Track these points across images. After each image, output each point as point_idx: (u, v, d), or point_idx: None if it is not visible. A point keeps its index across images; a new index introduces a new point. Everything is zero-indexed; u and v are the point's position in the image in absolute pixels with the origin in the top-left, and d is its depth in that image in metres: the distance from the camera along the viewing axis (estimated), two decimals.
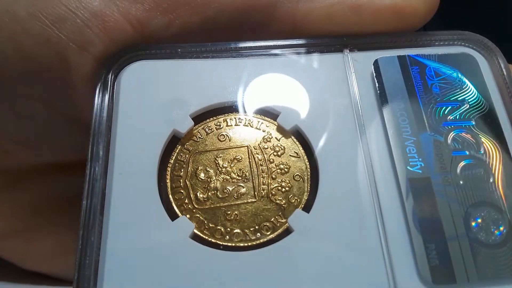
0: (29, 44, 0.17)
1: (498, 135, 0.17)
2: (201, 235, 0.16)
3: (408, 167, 0.16)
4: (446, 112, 0.17)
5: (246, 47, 0.19)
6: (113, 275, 0.15)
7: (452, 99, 0.18)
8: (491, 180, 0.16)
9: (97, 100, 0.18)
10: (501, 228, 0.16)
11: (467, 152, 0.17)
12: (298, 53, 0.19)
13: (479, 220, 0.16)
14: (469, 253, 0.15)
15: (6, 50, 0.17)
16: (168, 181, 0.17)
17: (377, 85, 0.18)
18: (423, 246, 0.15)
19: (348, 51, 0.19)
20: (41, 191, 0.19)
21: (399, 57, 0.19)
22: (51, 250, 0.18)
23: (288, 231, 0.16)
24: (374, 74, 0.18)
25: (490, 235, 0.15)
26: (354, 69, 0.19)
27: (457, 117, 0.17)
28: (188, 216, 0.16)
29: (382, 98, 0.18)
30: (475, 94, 0.18)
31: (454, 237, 0.15)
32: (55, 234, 0.18)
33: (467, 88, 0.18)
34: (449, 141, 0.17)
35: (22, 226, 0.19)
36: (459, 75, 0.18)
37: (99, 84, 0.18)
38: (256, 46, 0.19)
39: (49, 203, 0.19)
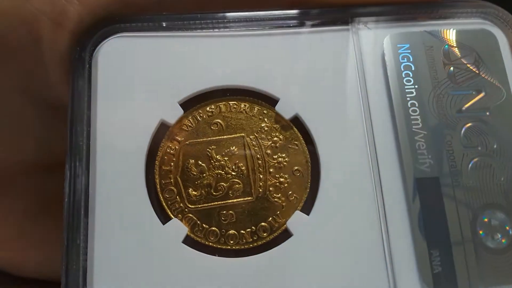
0: None
1: None
2: (195, 237, 0.15)
3: (417, 165, 0.15)
4: (460, 101, 0.16)
5: (241, 18, 0.17)
6: (102, 282, 0.14)
7: (467, 86, 0.16)
8: (502, 179, 0.15)
9: (72, 83, 0.16)
10: (509, 233, 0.15)
11: (480, 148, 0.16)
12: (300, 26, 0.17)
13: (486, 224, 0.15)
14: (473, 259, 0.15)
15: None
16: (157, 176, 0.16)
17: (388, 69, 0.16)
18: (427, 252, 0.15)
19: (356, 24, 0.17)
20: (30, 195, 0.18)
21: (414, 33, 0.17)
22: (49, 256, 0.17)
23: (286, 232, 0.15)
24: (385, 54, 0.16)
25: (496, 240, 0.15)
26: (363, 48, 0.17)
27: (472, 107, 0.16)
28: (180, 217, 0.15)
29: (393, 85, 0.16)
30: (492, 80, 0.16)
31: (459, 242, 0.15)
32: (51, 239, 0.17)
33: (484, 73, 0.16)
34: (461, 135, 0.16)
35: (15, 234, 0.17)
36: (476, 57, 0.16)
37: (73, 64, 0.16)
38: (252, 16, 0.17)
39: (41, 207, 0.18)
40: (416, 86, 0.16)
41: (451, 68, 0.16)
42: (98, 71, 0.16)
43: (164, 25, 0.16)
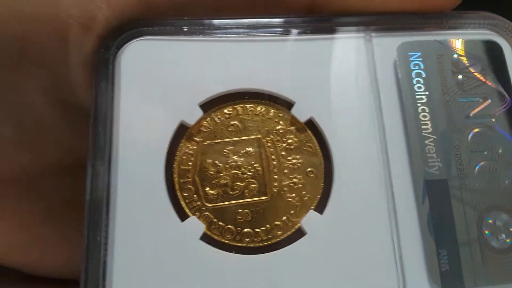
0: (23, 25, 0.15)
1: None
2: (211, 235, 0.16)
3: (426, 168, 0.16)
4: (467, 108, 0.17)
5: (259, 24, 0.17)
6: (122, 278, 0.15)
7: (474, 93, 0.17)
8: (506, 182, 0.16)
9: (95, 83, 0.16)
10: None
11: (486, 152, 0.16)
12: (316, 32, 0.17)
13: (492, 225, 0.16)
14: (479, 258, 0.15)
15: None
16: (175, 175, 0.16)
17: (399, 75, 0.17)
18: (435, 251, 0.15)
19: (370, 33, 0.17)
20: (49, 198, 0.18)
21: (425, 42, 0.17)
22: (66, 257, 0.18)
23: (300, 231, 0.16)
24: (397, 61, 0.17)
25: (501, 240, 0.16)
26: (375, 54, 0.17)
27: (478, 114, 0.17)
28: (197, 214, 0.16)
29: (404, 91, 0.17)
30: (498, 88, 0.17)
31: (466, 242, 0.15)
32: (71, 240, 0.17)
33: (490, 81, 0.17)
34: (469, 140, 0.16)
35: (32, 237, 0.18)
36: (484, 66, 0.17)
37: (97, 65, 0.16)
38: (270, 23, 0.17)
39: (60, 210, 0.18)
40: (427, 93, 0.17)
41: (460, 76, 0.17)
42: (121, 73, 0.16)
43: (185, 29, 0.17)
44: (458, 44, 0.17)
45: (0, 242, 0.17)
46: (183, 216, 0.16)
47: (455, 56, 0.17)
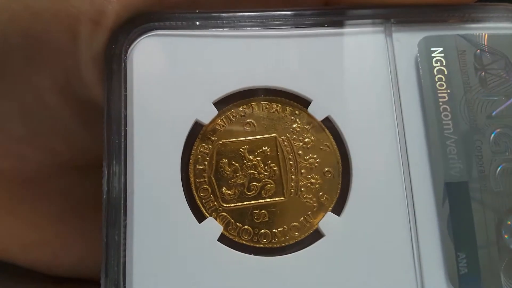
0: (34, 20, 0.14)
1: None
2: (229, 235, 0.16)
3: (447, 170, 0.16)
4: (490, 107, 0.16)
5: (274, 16, 0.17)
6: (142, 279, 0.15)
7: (497, 91, 0.16)
8: None
9: (107, 81, 0.16)
10: None
11: (507, 153, 0.16)
12: (333, 26, 0.17)
13: (511, 228, 0.16)
14: (497, 261, 0.15)
15: (8, 31, 0.14)
16: (191, 175, 0.16)
17: (421, 73, 0.16)
18: (454, 254, 0.15)
19: (390, 26, 0.17)
20: (64, 196, 0.18)
21: (447, 37, 0.17)
22: (79, 257, 0.18)
23: (317, 233, 0.16)
24: (419, 58, 0.16)
25: None
26: (396, 50, 0.17)
27: (501, 113, 0.16)
28: (214, 215, 0.16)
29: (426, 89, 0.16)
30: None
31: (485, 245, 0.15)
32: (85, 240, 0.17)
33: None
34: (490, 140, 0.16)
35: (47, 236, 0.18)
36: (507, 62, 0.17)
37: (108, 62, 0.16)
38: (285, 16, 0.17)
39: (74, 209, 0.18)
40: (449, 91, 0.16)
41: (483, 73, 0.16)
42: (134, 70, 0.16)
43: (197, 23, 0.16)
44: (481, 39, 0.17)
45: (13, 242, 0.17)
46: (200, 217, 0.15)
47: (478, 51, 0.17)
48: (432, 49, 0.16)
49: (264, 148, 0.16)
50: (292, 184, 0.16)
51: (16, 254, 0.18)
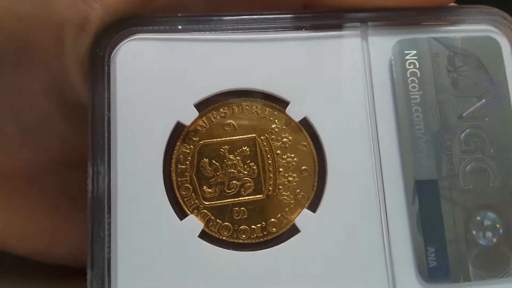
0: (20, 26, 0.15)
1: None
2: (209, 232, 0.16)
3: (418, 169, 0.16)
4: (461, 108, 0.17)
5: (253, 20, 0.17)
6: (127, 274, 0.15)
7: (469, 93, 0.17)
8: (496, 182, 0.17)
9: (91, 84, 0.16)
10: (498, 230, 0.16)
11: (477, 153, 0.17)
12: (311, 30, 0.17)
13: (479, 224, 0.16)
14: (465, 253, 0.16)
15: None
16: (173, 174, 0.17)
17: (394, 75, 0.17)
18: (424, 249, 0.16)
19: (366, 29, 0.17)
20: (57, 192, 0.19)
21: (421, 40, 0.17)
22: (73, 248, 0.19)
23: (294, 228, 0.16)
24: (393, 61, 0.17)
25: (487, 238, 0.16)
26: (371, 53, 0.17)
27: (472, 114, 0.17)
28: (195, 212, 0.16)
29: (399, 91, 0.17)
30: (493, 87, 0.17)
31: (454, 239, 0.16)
32: (76, 232, 0.18)
33: (486, 80, 0.17)
34: (460, 140, 0.17)
35: (41, 229, 0.19)
36: (480, 64, 0.17)
37: (92, 65, 0.16)
38: (264, 19, 0.17)
39: (67, 203, 0.19)
40: (421, 93, 0.17)
41: (455, 75, 0.17)
42: (117, 73, 0.16)
43: (179, 27, 0.17)
44: (454, 41, 0.17)
45: (11, 233, 0.18)
46: (182, 214, 0.16)
47: (451, 54, 0.17)
48: (406, 52, 0.17)
49: (243, 148, 0.17)
50: (271, 182, 0.17)
51: (13, 245, 0.19)
